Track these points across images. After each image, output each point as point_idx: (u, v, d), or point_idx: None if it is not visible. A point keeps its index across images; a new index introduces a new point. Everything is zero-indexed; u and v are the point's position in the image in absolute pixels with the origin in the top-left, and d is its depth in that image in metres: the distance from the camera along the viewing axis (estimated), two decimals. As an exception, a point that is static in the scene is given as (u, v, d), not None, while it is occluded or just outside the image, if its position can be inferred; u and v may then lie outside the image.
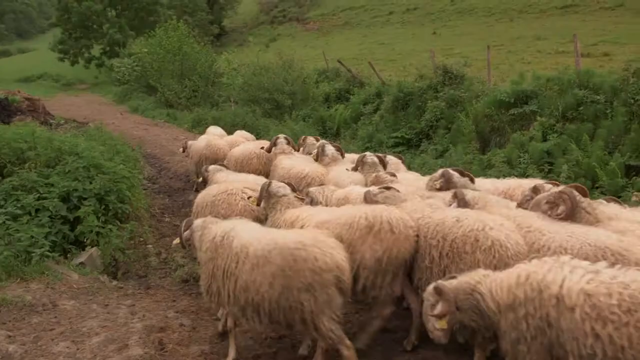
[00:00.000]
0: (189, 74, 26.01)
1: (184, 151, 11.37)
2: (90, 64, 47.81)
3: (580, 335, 2.84)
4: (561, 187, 4.63)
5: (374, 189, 5.34)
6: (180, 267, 7.31)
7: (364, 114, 16.34)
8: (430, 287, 3.65)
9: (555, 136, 9.81)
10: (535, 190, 4.83)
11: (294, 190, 5.58)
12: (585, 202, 4.41)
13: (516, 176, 9.15)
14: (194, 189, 9.82)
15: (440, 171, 5.91)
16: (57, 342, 4.79)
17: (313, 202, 5.60)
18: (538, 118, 10.55)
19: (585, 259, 3.46)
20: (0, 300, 5.36)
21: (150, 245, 8.29)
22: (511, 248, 3.94)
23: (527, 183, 5.55)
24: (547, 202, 4.49)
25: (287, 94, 19.23)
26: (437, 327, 3.56)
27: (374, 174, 6.45)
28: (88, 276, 6.60)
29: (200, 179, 8.08)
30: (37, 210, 7.17)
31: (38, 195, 7.42)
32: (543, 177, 8.74)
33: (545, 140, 9.90)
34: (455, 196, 4.99)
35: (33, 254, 6.32)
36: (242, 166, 8.83)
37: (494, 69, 15.24)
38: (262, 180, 6.59)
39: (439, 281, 3.67)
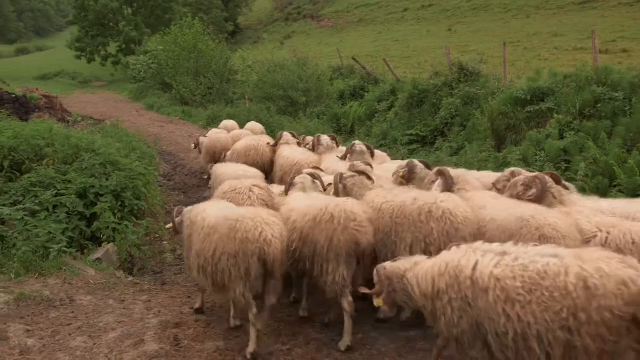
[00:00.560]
0: (204, 72, 26.14)
1: (195, 147, 11.54)
2: (106, 61, 48.29)
3: (495, 315, 3.15)
4: (536, 173, 5.08)
5: (345, 172, 5.81)
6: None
7: (378, 111, 16.28)
8: (375, 269, 4.10)
9: (572, 134, 9.67)
10: (513, 174, 5.37)
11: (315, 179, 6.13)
12: (555, 188, 4.86)
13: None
14: (208, 186, 9.90)
15: (406, 161, 6.41)
16: (74, 336, 4.85)
17: (297, 188, 5.92)
18: (555, 115, 10.42)
19: (508, 226, 4.30)
20: (19, 295, 5.43)
21: (165, 242, 8.35)
22: (460, 215, 4.53)
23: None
24: (522, 184, 4.97)
25: (301, 91, 19.23)
26: (374, 304, 4.02)
27: (353, 162, 6.83)
28: (104, 272, 6.67)
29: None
30: (54, 207, 7.27)
31: (56, 191, 7.53)
32: (560, 175, 8.67)
33: (562, 138, 9.77)
34: (439, 173, 5.43)
35: (51, 250, 6.41)
36: (242, 159, 9.20)
37: (510, 66, 15.10)
38: (253, 170, 7.56)
39: (381, 264, 4.09)
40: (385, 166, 7.32)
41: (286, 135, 9.18)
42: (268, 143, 9.41)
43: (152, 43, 33.19)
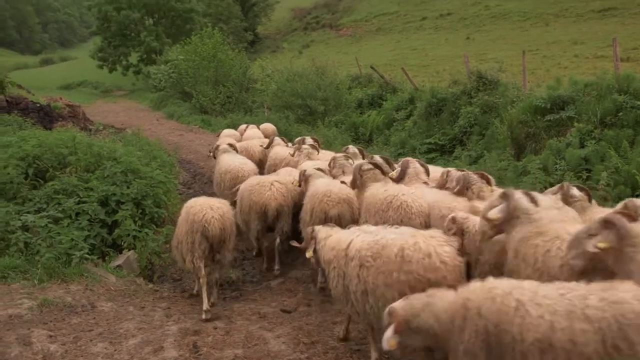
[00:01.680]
0: (223, 81, 26.36)
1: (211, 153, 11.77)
2: (128, 71, 48.95)
3: (353, 277, 4.23)
4: (464, 173, 6.01)
5: (364, 164, 6.67)
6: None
7: (396, 119, 16.24)
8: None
9: (593, 142, 9.53)
10: (447, 173, 6.41)
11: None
12: (477, 185, 5.76)
13: (552, 183, 9.02)
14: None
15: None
16: (95, 342, 4.89)
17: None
18: (575, 124, 10.28)
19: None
20: (42, 301, 5.51)
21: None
22: (414, 207, 5.49)
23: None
24: (454, 181, 5.94)
25: (320, 100, 19.27)
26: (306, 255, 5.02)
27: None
28: (125, 279, 6.74)
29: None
30: (77, 214, 7.38)
31: (78, 199, 7.64)
32: (581, 184, 8.55)
33: (582, 146, 9.63)
34: (401, 165, 6.86)
35: (73, 257, 6.50)
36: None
37: (530, 74, 14.98)
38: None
39: (311, 226, 5.28)
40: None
41: (277, 139, 10.64)
42: (261, 145, 10.81)
43: (173, 53, 33.58)
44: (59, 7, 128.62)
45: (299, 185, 7.18)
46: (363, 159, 8.04)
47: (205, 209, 6.03)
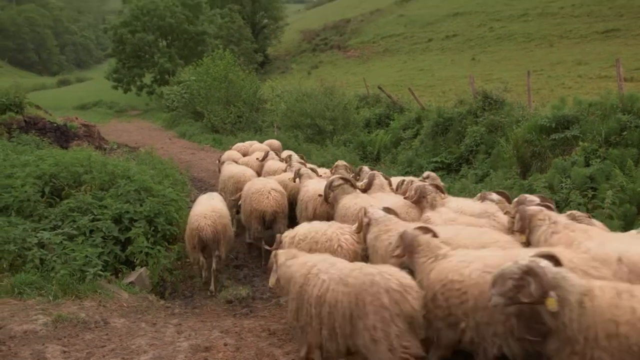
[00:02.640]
0: (234, 101, 26.53)
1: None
2: (141, 91, 49.38)
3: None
4: (421, 185, 6.64)
5: (335, 180, 7.53)
6: (224, 288, 7.40)
7: (404, 139, 16.26)
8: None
9: (598, 161, 9.48)
10: (404, 182, 7.57)
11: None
12: (431, 195, 6.34)
13: (558, 201, 8.97)
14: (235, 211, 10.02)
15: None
16: (108, 358, 4.89)
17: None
18: (580, 143, 10.25)
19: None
20: (57, 317, 5.52)
21: (196, 266, 8.41)
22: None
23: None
24: (413, 190, 6.55)
25: (328, 120, 19.36)
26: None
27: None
28: (137, 295, 6.75)
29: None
30: (91, 231, 7.43)
31: (92, 216, 7.69)
32: (586, 203, 8.50)
33: (588, 165, 9.59)
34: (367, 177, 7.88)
35: (87, 273, 6.52)
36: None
37: (535, 94, 14.99)
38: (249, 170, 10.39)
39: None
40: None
41: (271, 153, 11.74)
42: (257, 158, 11.80)
43: (185, 73, 33.88)
44: (76, 30, 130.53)
45: (294, 181, 8.85)
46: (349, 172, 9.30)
47: (199, 218, 7.41)
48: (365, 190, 7.49)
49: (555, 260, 3.53)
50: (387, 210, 5.65)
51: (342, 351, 4.38)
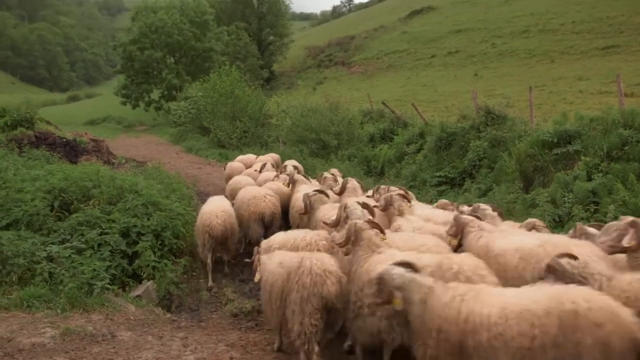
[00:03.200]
0: (240, 116, 26.64)
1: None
2: (149, 107, 49.68)
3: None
4: (392, 193, 7.08)
5: (310, 192, 8.17)
6: (230, 301, 7.39)
7: (407, 153, 16.26)
8: None
9: (600, 176, 9.45)
10: (378, 189, 8.13)
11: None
12: (398, 202, 6.76)
13: (560, 216, 8.94)
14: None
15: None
16: (114, 371, 4.87)
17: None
18: (582, 157, 10.23)
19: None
20: (65, 330, 5.52)
21: (202, 280, 8.42)
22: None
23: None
24: (383, 199, 6.97)
25: (333, 135, 19.41)
26: None
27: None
28: (144, 308, 6.73)
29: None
30: (99, 245, 7.43)
31: (101, 230, 7.70)
32: (589, 217, 8.46)
33: (590, 179, 9.56)
34: (342, 183, 8.45)
35: (95, 287, 6.52)
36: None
37: (536, 109, 14.97)
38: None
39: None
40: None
41: (268, 165, 12.59)
42: (256, 169, 12.52)
43: (192, 89, 34.08)
44: (86, 47, 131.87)
45: (288, 186, 9.65)
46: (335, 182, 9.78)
47: (210, 217, 8.12)
48: (339, 193, 8.04)
49: (410, 266, 4.13)
50: (364, 205, 6.05)
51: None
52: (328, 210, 7.27)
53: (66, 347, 5.29)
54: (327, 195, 7.95)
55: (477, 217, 5.91)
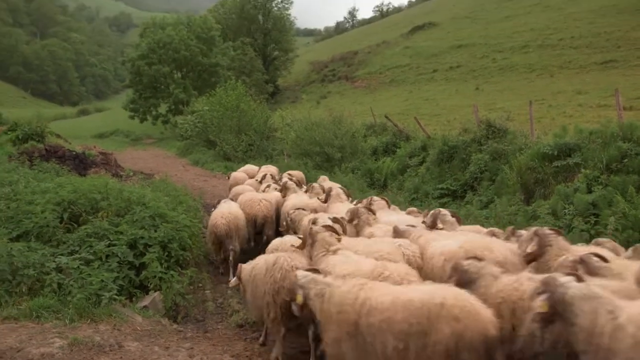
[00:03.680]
0: (245, 129, 26.76)
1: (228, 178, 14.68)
2: (157, 120, 49.98)
3: None
4: (354, 207, 7.58)
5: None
6: (235, 312, 7.37)
7: (410, 166, 16.25)
8: None
9: (600, 188, 9.43)
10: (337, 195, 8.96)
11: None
12: (364, 215, 7.16)
13: (560, 227, 8.90)
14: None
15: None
16: (121, 382, 4.85)
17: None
18: (582, 170, 10.21)
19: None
20: (73, 340, 5.51)
21: (208, 291, 8.41)
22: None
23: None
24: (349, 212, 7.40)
25: (337, 148, 19.44)
26: None
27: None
28: (151, 319, 6.71)
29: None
30: (107, 256, 7.41)
31: (109, 242, 7.68)
32: (589, 229, 8.42)
33: (590, 192, 9.53)
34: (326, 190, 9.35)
35: (102, 297, 6.50)
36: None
37: (536, 123, 14.99)
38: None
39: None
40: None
41: (268, 176, 12.87)
42: (256, 179, 13.06)
43: (199, 104, 34.27)
44: (96, 63, 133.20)
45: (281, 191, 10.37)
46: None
47: (216, 218, 8.86)
48: (324, 201, 8.88)
49: (315, 271, 4.89)
50: (335, 220, 6.48)
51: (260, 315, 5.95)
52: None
53: (74, 357, 5.28)
54: (304, 209, 8.45)
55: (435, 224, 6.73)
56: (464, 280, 4.50)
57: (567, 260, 4.67)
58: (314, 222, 6.29)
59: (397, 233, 6.34)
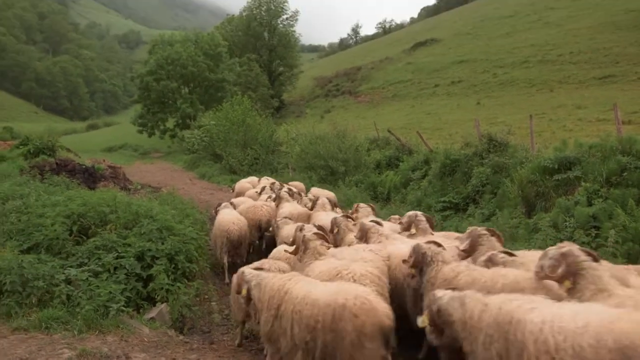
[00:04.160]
0: (251, 143, 26.84)
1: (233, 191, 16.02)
2: (164, 135, 50.22)
3: None
4: (334, 218, 8.14)
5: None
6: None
7: (413, 179, 16.24)
8: None
9: (600, 201, 9.38)
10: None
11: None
12: (343, 224, 7.79)
13: (562, 240, 8.84)
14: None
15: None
16: (128, 392, 4.84)
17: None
18: (582, 183, 10.17)
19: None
20: (81, 351, 5.50)
21: (214, 303, 8.39)
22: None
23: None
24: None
25: (340, 161, 19.46)
26: None
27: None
28: (157, 330, 6.70)
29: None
30: (115, 268, 7.42)
31: (117, 254, 7.70)
32: (590, 242, 8.38)
33: (590, 204, 9.48)
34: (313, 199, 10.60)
35: (110, 309, 6.50)
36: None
37: (537, 137, 14.98)
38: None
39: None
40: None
41: (267, 188, 13.52)
42: (256, 191, 13.69)
43: (206, 118, 34.44)
44: (105, 79, 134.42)
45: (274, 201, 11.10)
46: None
47: (228, 223, 9.37)
48: (311, 209, 9.85)
49: (260, 269, 5.85)
50: (319, 227, 6.91)
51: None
52: (290, 230, 8.31)
53: (82, 368, 5.27)
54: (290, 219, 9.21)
55: (379, 223, 7.32)
56: (419, 261, 5.41)
57: (480, 259, 5.47)
58: (301, 229, 6.77)
59: (362, 231, 7.02)
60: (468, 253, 5.74)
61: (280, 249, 7.47)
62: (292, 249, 6.85)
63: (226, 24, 64.33)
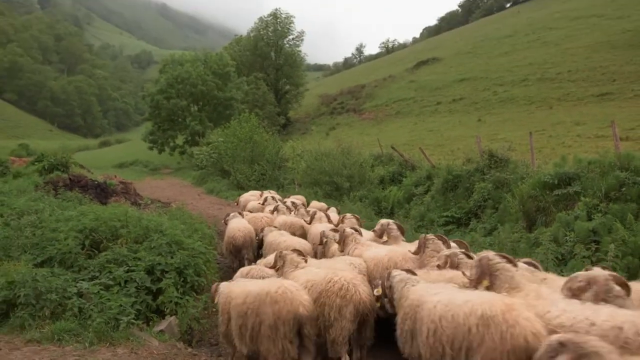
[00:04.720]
0: (258, 160, 26.87)
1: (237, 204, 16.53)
2: (174, 151, 50.37)
3: None
4: (322, 231, 8.69)
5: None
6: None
7: (415, 194, 16.22)
8: None
9: (599, 215, 9.33)
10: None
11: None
12: (330, 235, 8.33)
13: (563, 254, 8.81)
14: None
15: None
16: (138, 404, 4.81)
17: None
18: (582, 198, 10.13)
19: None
20: (92, 364, 5.50)
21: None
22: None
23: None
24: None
25: (345, 177, 19.46)
26: None
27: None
28: (167, 343, 6.68)
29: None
30: (126, 282, 7.44)
31: (127, 268, 7.73)
32: (590, 256, 8.33)
33: (590, 219, 9.44)
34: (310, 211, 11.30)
35: (121, 321, 6.50)
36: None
37: (537, 153, 14.96)
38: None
39: None
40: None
41: (270, 200, 14.24)
42: (259, 202, 14.32)
43: (214, 135, 34.54)
44: (118, 97, 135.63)
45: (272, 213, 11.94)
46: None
47: (235, 230, 9.99)
48: (309, 222, 10.48)
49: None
50: (297, 250, 7.23)
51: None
52: (273, 237, 9.36)
53: (93, 379, 5.26)
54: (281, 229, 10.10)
55: (358, 231, 7.86)
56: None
57: (442, 256, 6.18)
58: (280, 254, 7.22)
59: (341, 236, 7.75)
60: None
61: (269, 258, 7.80)
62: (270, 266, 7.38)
63: (234, 44, 64.91)
